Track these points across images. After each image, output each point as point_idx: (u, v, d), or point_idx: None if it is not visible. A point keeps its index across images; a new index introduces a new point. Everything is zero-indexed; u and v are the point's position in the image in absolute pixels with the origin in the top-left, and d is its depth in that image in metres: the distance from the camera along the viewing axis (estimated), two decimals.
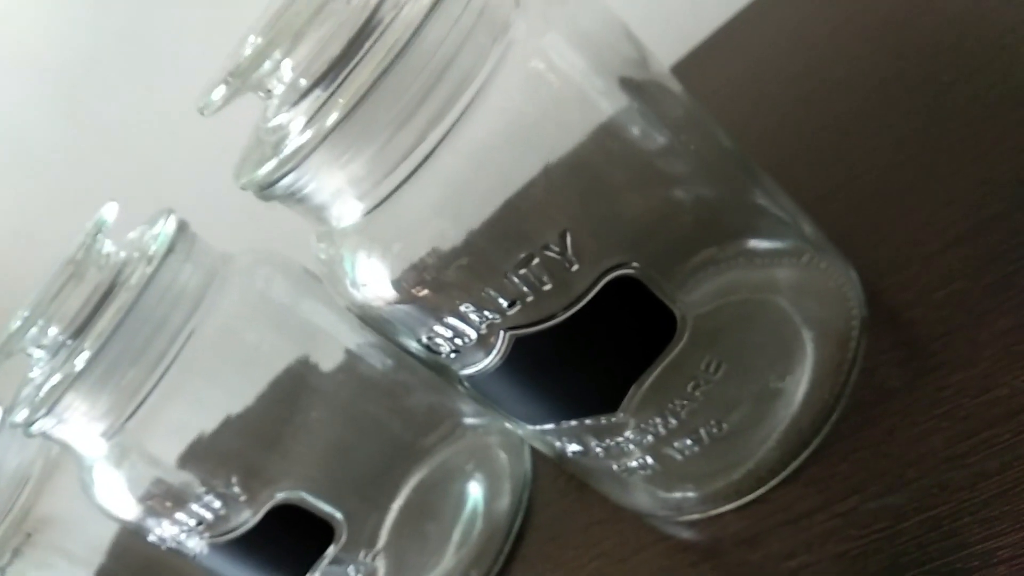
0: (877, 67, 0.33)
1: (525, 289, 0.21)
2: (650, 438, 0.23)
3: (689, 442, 0.23)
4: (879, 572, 0.21)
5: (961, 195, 0.26)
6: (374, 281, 0.22)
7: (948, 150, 0.28)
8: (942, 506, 0.21)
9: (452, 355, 0.22)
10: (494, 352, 0.22)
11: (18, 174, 0.64)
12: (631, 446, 0.23)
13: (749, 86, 0.40)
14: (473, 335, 0.21)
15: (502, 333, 0.21)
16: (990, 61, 0.29)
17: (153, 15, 0.61)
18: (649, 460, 0.24)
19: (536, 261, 0.20)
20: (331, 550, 0.29)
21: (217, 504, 0.28)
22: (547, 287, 0.21)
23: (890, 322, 0.25)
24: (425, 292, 0.21)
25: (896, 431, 0.23)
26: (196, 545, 0.28)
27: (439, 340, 0.22)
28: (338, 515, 0.29)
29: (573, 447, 0.24)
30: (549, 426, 0.24)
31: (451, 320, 0.21)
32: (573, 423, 0.23)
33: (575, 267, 0.20)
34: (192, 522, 0.28)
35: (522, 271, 0.20)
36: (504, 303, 0.21)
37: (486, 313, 0.21)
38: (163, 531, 0.28)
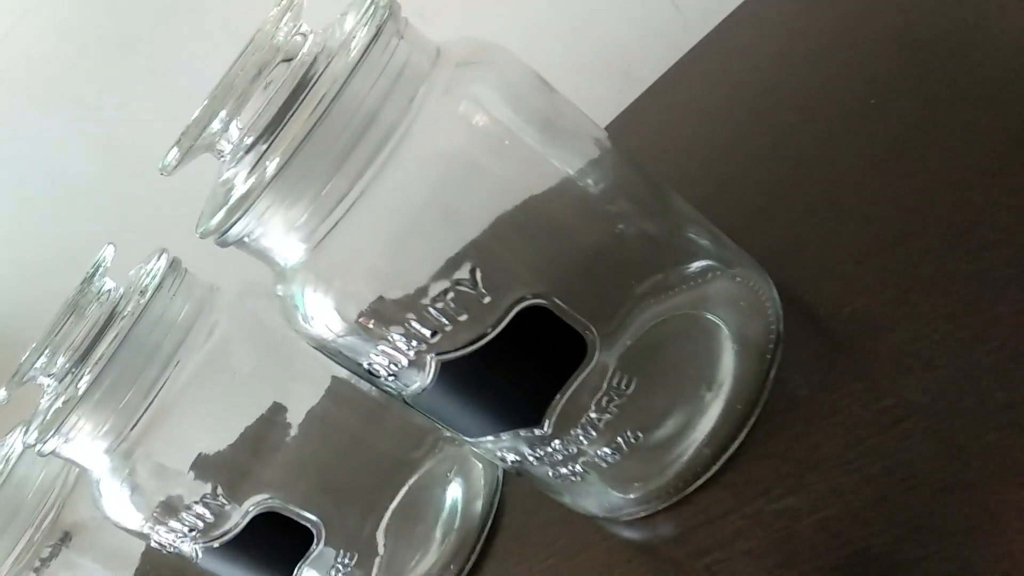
0: (811, 94, 0.35)
1: (444, 320, 0.23)
2: (574, 448, 0.25)
3: (609, 451, 0.25)
4: (775, 568, 0.23)
5: (876, 214, 0.28)
6: (320, 315, 0.25)
7: (871, 171, 0.29)
8: (831, 508, 0.23)
9: (391, 379, 0.25)
10: (426, 375, 0.24)
11: (55, 204, 0.69)
12: (559, 456, 0.26)
13: (695, 115, 0.42)
14: (405, 361, 0.24)
15: (430, 358, 0.24)
16: (912, 86, 0.30)
17: (185, 52, 0.64)
18: (578, 468, 0.26)
19: (451, 295, 0.23)
20: (313, 550, 0.32)
21: (206, 512, 0.31)
22: (463, 317, 0.23)
23: (804, 335, 0.27)
24: (361, 323, 0.24)
25: (801, 438, 0.25)
26: (191, 550, 0.31)
27: (377, 366, 0.24)
28: (316, 519, 0.32)
29: (511, 457, 0.27)
30: (487, 438, 0.26)
31: (384, 348, 0.24)
32: (505, 436, 0.26)
33: (487, 299, 0.23)
34: (185, 529, 0.31)
35: (439, 304, 0.23)
36: (427, 332, 0.23)
37: (413, 341, 0.23)
38: (161, 537, 0.31)
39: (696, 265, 0.27)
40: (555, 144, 0.24)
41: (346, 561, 0.33)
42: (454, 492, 0.36)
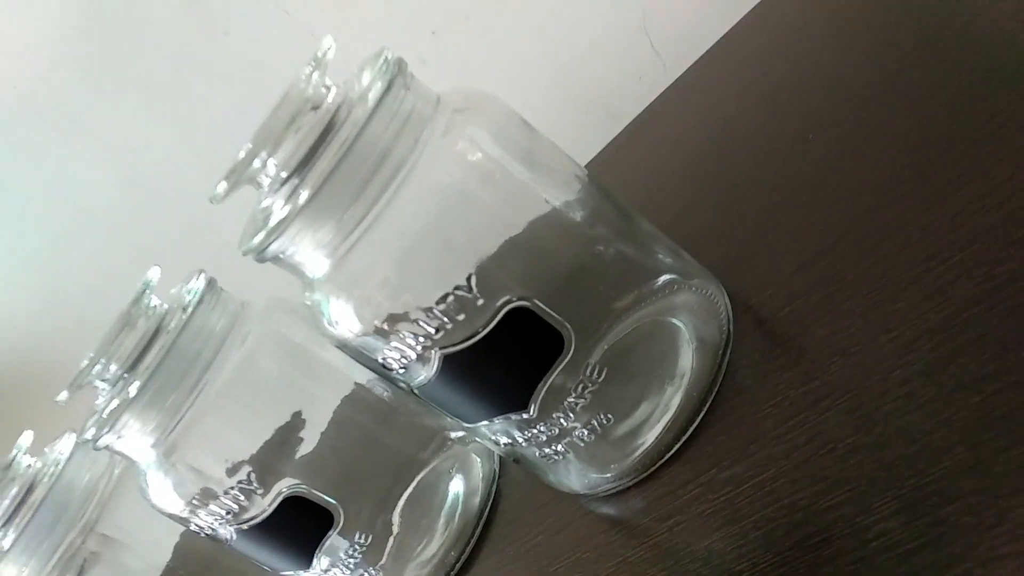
0: (759, 129, 0.40)
1: (445, 319, 0.28)
2: (556, 430, 0.30)
3: (586, 432, 0.30)
4: (722, 525, 0.27)
5: (809, 230, 0.33)
6: (343, 319, 0.30)
7: (806, 195, 0.34)
8: (767, 472, 0.27)
9: (402, 371, 0.30)
10: (431, 367, 0.29)
11: (81, 235, 0.74)
12: (544, 437, 0.30)
13: (666, 148, 0.47)
14: (413, 355, 0.29)
15: (434, 353, 0.29)
16: (840, 124, 0.35)
17: (202, 94, 0.70)
18: (560, 448, 0.31)
19: (451, 298, 0.28)
20: (332, 532, 0.36)
21: (240, 496, 0.35)
22: (461, 317, 0.28)
23: (750, 334, 0.32)
24: (377, 324, 0.29)
25: (746, 418, 0.29)
26: (226, 532, 0.36)
27: (391, 360, 0.29)
28: (336, 504, 0.36)
29: (504, 440, 0.31)
30: (482, 423, 0.31)
31: (396, 344, 0.29)
32: (498, 420, 0.30)
33: (480, 301, 0.28)
34: (222, 512, 0.35)
35: (441, 306, 0.28)
36: (432, 330, 0.28)
37: (420, 337, 0.28)
38: (200, 521, 0.36)
39: (662, 279, 0.32)
40: (537, 176, 0.29)
41: (361, 541, 0.37)
42: (456, 487, 0.41)
